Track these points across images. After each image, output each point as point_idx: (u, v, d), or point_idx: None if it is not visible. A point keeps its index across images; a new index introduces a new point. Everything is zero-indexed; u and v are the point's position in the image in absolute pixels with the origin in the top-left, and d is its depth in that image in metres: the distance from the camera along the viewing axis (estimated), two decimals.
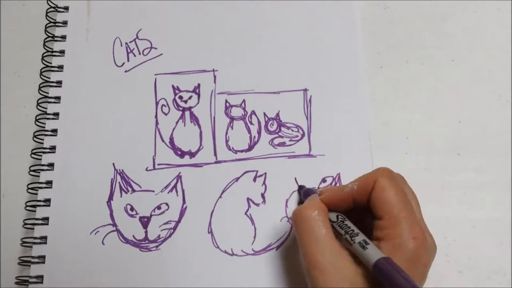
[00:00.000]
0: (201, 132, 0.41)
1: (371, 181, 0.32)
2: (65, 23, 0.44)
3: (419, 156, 0.41)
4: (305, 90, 0.42)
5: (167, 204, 0.39)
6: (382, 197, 0.31)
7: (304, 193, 0.38)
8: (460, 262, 0.38)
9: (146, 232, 0.39)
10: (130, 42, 0.44)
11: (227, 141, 0.41)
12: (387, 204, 0.30)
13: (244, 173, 0.40)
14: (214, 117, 0.42)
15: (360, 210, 0.33)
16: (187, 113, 0.42)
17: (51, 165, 0.40)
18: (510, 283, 0.38)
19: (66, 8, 0.45)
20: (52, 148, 0.41)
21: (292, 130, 0.41)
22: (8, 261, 0.39)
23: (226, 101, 0.42)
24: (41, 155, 0.40)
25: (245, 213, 0.39)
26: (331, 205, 0.33)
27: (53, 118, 0.41)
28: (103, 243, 0.38)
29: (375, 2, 0.45)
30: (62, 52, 0.43)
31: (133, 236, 0.39)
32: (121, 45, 0.44)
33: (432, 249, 0.30)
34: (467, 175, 0.40)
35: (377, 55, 0.44)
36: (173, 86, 0.43)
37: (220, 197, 0.39)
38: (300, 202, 0.39)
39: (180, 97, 0.42)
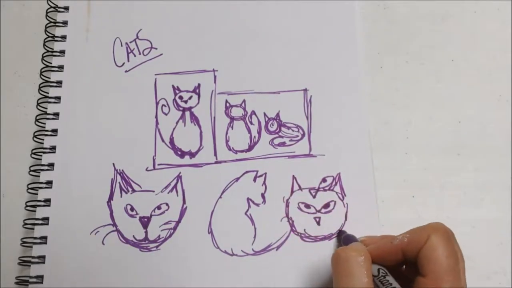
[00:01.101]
0: (201, 132, 0.41)
1: (423, 237, 0.29)
2: (65, 23, 0.44)
3: (419, 156, 0.41)
4: (305, 90, 0.42)
5: (167, 204, 0.39)
6: (433, 256, 0.29)
7: (344, 239, 0.36)
8: None
9: (146, 232, 0.39)
10: (130, 42, 0.44)
11: (227, 141, 0.41)
12: (436, 263, 0.28)
13: (244, 173, 0.40)
14: (214, 117, 0.42)
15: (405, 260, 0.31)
16: (187, 113, 0.42)
17: (51, 165, 0.40)
18: (510, 283, 0.38)
19: (66, 8, 0.45)
20: (52, 148, 0.41)
21: (292, 130, 0.41)
22: (8, 261, 0.39)
23: (226, 101, 0.42)
24: (41, 155, 0.40)
25: (245, 213, 0.39)
26: (377, 257, 0.31)
27: (53, 118, 0.41)
28: (103, 243, 0.38)
29: (375, 2, 0.45)
30: (62, 52, 0.43)
31: (133, 236, 0.39)
32: (121, 45, 0.44)
33: None
34: (467, 175, 0.40)
35: (377, 55, 0.44)
36: (173, 86, 0.43)
37: (220, 197, 0.39)
38: (338, 239, 0.38)
39: (180, 97, 0.42)
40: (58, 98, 0.42)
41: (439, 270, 0.28)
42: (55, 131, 0.41)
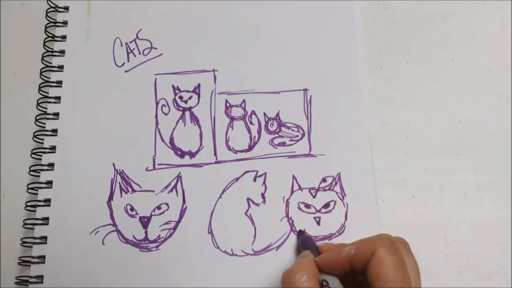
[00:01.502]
0: (201, 132, 0.41)
1: (370, 249, 0.30)
2: (65, 23, 0.44)
3: (419, 156, 0.41)
4: (305, 90, 0.42)
5: (167, 204, 0.39)
6: (380, 270, 0.29)
7: (302, 240, 0.37)
8: (460, 262, 0.38)
9: (146, 232, 0.39)
10: (130, 42, 0.44)
11: (227, 141, 0.41)
12: (383, 277, 0.29)
13: (244, 173, 0.40)
14: (214, 117, 0.42)
15: (359, 273, 0.31)
16: (187, 113, 0.42)
17: (51, 165, 0.40)
18: (510, 283, 0.38)
19: (66, 8, 0.45)
20: (52, 148, 0.41)
21: (292, 130, 0.41)
22: (8, 261, 0.39)
23: (226, 101, 0.42)
24: (41, 155, 0.40)
25: (245, 213, 0.39)
26: (325, 268, 0.31)
27: (53, 118, 0.42)
28: (103, 243, 0.38)
29: (375, 2, 0.45)
30: (62, 52, 0.43)
31: (133, 236, 0.39)
32: (121, 45, 0.44)
33: None
34: (467, 175, 0.40)
35: (377, 55, 0.44)
36: (173, 86, 0.43)
37: (220, 197, 0.39)
38: (298, 248, 0.38)
39: (180, 97, 0.42)
40: (58, 98, 0.42)
41: (388, 284, 0.28)
42: (55, 131, 0.41)
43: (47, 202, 0.39)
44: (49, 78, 0.43)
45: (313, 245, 0.35)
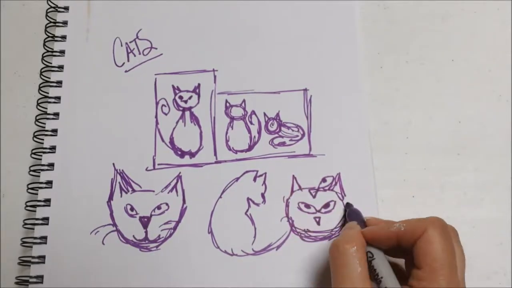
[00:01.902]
0: (201, 132, 0.41)
1: (421, 228, 0.30)
2: (65, 23, 0.44)
3: (419, 156, 0.41)
4: (305, 90, 0.42)
5: (167, 204, 0.39)
6: (428, 247, 0.29)
7: (349, 213, 0.37)
8: None
9: (146, 232, 0.39)
10: (130, 42, 0.44)
11: (227, 141, 0.41)
12: (430, 256, 0.29)
13: (244, 173, 0.40)
14: (214, 117, 0.42)
15: (404, 251, 0.31)
16: (187, 113, 0.42)
17: (51, 165, 0.40)
18: (510, 283, 0.38)
19: (66, 8, 0.45)
20: (52, 148, 0.41)
21: (292, 130, 0.41)
22: (8, 261, 0.39)
23: (226, 101, 0.42)
24: (41, 155, 0.40)
25: (245, 213, 0.39)
26: (372, 241, 0.31)
27: (53, 118, 0.41)
28: (103, 243, 0.38)
29: (375, 2, 0.45)
30: (62, 52, 0.43)
31: (133, 236, 0.39)
32: (121, 45, 0.44)
33: None
34: (467, 175, 0.40)
35: (377, 55, 0.44)
36: (173, 86, 0.43)
37: (220, 197, 0.39)
38: (343, 219, 0.38)
39: (180, 97, 0.42)
40: (58, 98, 0.42)
41: (434, 264, 0.29)
42: (55, 131, 0.41)
43: (47, 202, 0.39)
44: (49, 78, 0.43)
45: (360, 218, 0.35)
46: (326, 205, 0.39)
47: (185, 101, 0.42)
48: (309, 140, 0.41)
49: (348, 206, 0.38)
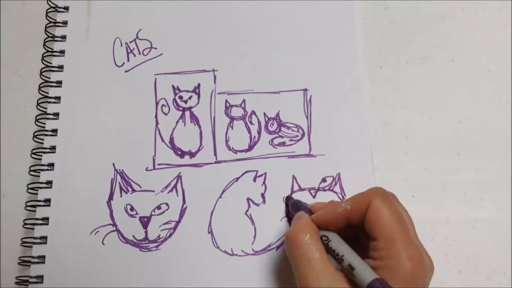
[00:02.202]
0: (201, 132, 0.41)
1: (365, 202, 0.31)
2: (65, 23, 0.44)
3: (419, 156, 0.41)
4: (305, 90, 0.42)
5: (167, 204, 0.39)
6: (377, 218, 0.30)
7: (292, 205, 0.37)
8: (460, 262, 0.38)
9: (146, 232, 0.39)
10: (130, 42, 0.44)
11: (227, 141, 0.41)
12: (382, 225, 0.30)
13: (244, 173, 0.40)
14: (214, 117, 0.42)
15: (355, 227, 0.32)
16: (187, 113, 0.42)
17: (51, 165, 0.40)
18: (510, 283, 0.38)
19: (66, 8, 0.45)
20: (52, 148, 0.41)
21: (292, 130, 0.41)
22: (8, 261, 0.39)
23: (226, 101, 0.42)
24: (41, 155, 0.40)
25: (245, 213, 0.39)
26: (323, 225, 0.32)
27: (53, 118, 0.41)
28: (103, 243, 0.38)
29: (375, 2, 0.45)
30: (62, 52, 0.43)
31: (133, 236, 0.39)
32: (121, 45, 0.44)
33: (430, 269, 0.30)
34: (467, 175, 0.40)
35: (377, 55, 0.44)
36: (173, 86, 0.43)
37: (220, 197, 0.39)
38: (287, 213, 0.38)
39: (180, 97, 0.42)
40: (58, 98, 0.42)
41: (387, 230, 0.29)
42: (55, 131, 0.41)
43: (47, 202, 0.39)
44: (49, 78, 0.43)
45: (305, 207, 0.35)
46: None
47: (185, 101, 0.42)
48: (309, 140, 0.41)
49: (288, 199, 0.38)
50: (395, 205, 0.31)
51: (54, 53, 0.43)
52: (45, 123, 0.41)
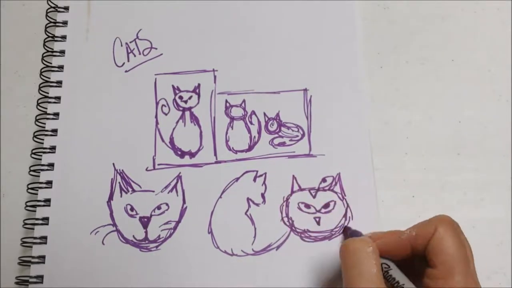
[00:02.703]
0: (201, 132, 0.41)
1: (431, 229, 0.30)
2: (65, 23, 0.44)
3: (419, 156, 0.41)
4: (305, 90, 0.42)
5: (167, 204, 0.39)
6: (442, 247, 0.29)
7: (350, 235, 0.36)
8: None
9: (146, 232, 0.39)
10: (130, 42, 0.44)
11: (227, 141, 0.41)
12: (445, 254, 0.29)
13: (244, 173, 0.40)
14: (214, 117, 0.42)
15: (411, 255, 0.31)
16: (187, 113, 0.42)
17: (51, 165, 0.40)
18: (510, 283, 0.38)
19: (66, 8, 0.45)
20: (52, 148, 0.41)
21: (292, 130, 0.41)
22: (8, 261, 0.39)
23: (226, 101, 0.42)
24: (41, 155, 0.40)
25: (245, 213, 0.39)
26: (385, 252, 0.31)
27: (53, 118, 0.41)
28: (103, 243, 0.38)
29: (375, 2, 0.45)
30: (62, 52, 0.43)
31: (133, 236, 0.39)
32: (121, 45, 0.44)
33: None
34: (467, 175, 0.40)
35: (377, 55, 0.44)
36: (173, 86, 0.43)
37: (220, 197, 0.39)
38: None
39: (180, 97, 0.42)
40: (58, 98, 0.42)
41: (449, 260, 0.29)
42: (55, 131, 0.41)
43: (47, 202, 0.39)
44: (49, 78, 0.43)
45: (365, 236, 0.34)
46: (326, 205, 0.39)
47: (185, 101, 0.42)
48: (309, 140, 0.41)
49: (347, 229, 0.37)
50: (460, 235, 0.30)
51: (54, 53, 0.43)
52: (45, 123, 0.41)
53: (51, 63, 0.43)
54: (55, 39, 0.44)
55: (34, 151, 0.41)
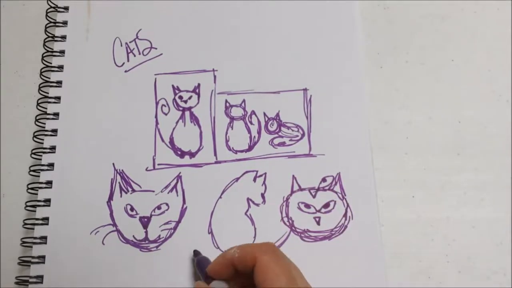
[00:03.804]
0: (201, 132, 0.41)
1: (252, 255, 0.30)
2: (65, 23, 0.44)
3: (419, 156, 0.41)
4: (305, 90, 0.42)
5: (167, 204, 0.39)
6: (265, 276, 0.29)
7: (197, 262, 0.36)
8: (460, 262, 0.38)
9: (146, 232, 0.39)
10: (130, 42, 0.44)
11: (227, 141, 0.41)
12: (269, 282, 0.29)
13: (244, 173, 0.40)
14: (214, 117, 0.42)
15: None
16: (187, 113, 0.42)
17: (51, 165, 0.40)
18: (510, 283, 0.38)
19: (66, 8, 0.45)
20: (52, 148, 0.41)
21: (292, 130, 0.41)
22: (8, 261, 0.39)
23: (226, 101, 0.42)
24: (41, 155, 0.40)
25: (245, 213, 0.39)
26: (215, 273, 0.32)
27: (53, 118, 0.42)
28: (103, 243, 0.38)
29: (375, 2, 0.45)
30: (62, 52, 0.43)
31: (133, 236, 0.39)
32: (121, 45, 0.44)
33: None
34: (467, 175, 0.40)
35: (377, 55, 0.44)
36: (173, 86, 0.43)
37: (220, 197, 0.39)
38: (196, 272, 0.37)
39: (180, 97, 0.42)
40: (58, 98, 0.42)
41: (275, 285, 0.29)
42: (55, 131, 0.41)
43: (47, 202, 0.39)
44: (49, 78, 0.43)
45: (209, 263, 0.35)
46: (326, 205, 0.39)
47: (185, 101, 0.42)
48: (309, 140, 0.41)
49: (196, 254, 0.37)
50: (282, 260, 0.31)
51: (54, 53, 0.43)
52: (45, 123, 0.41)
53: (51, 63, 0.43)
54: (55, 39, 0.44)
55: (34, 151, 0.41)
